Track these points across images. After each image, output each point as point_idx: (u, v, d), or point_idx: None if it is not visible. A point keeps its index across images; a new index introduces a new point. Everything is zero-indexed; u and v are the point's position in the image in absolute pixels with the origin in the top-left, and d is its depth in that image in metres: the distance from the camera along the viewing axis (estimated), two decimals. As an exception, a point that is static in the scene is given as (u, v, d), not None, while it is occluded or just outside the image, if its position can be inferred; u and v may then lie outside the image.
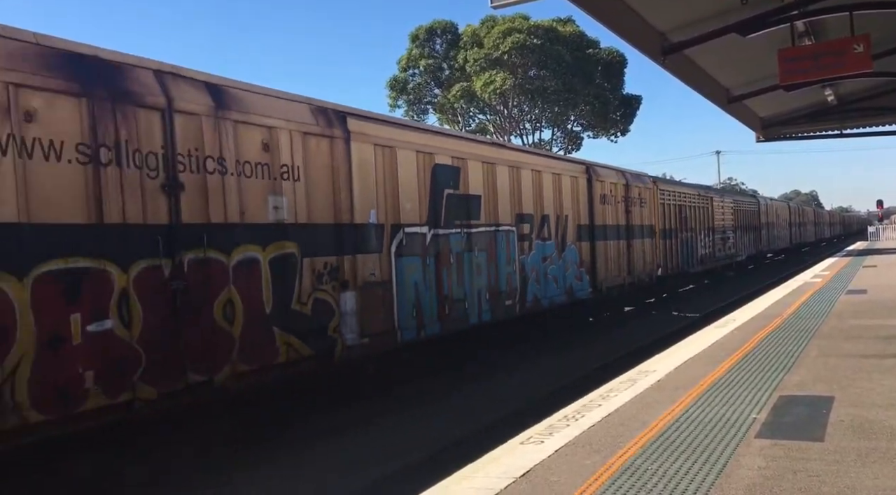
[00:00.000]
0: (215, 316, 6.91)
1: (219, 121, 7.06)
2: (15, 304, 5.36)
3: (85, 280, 5.84)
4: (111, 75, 6.21)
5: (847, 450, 4.80)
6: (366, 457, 7.61)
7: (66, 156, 5.78)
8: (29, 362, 5.40)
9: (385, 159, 9.47)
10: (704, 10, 10.83)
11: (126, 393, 6.06)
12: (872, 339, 9.11)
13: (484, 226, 11.68)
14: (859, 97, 18.00)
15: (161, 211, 6.49)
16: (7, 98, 5.36)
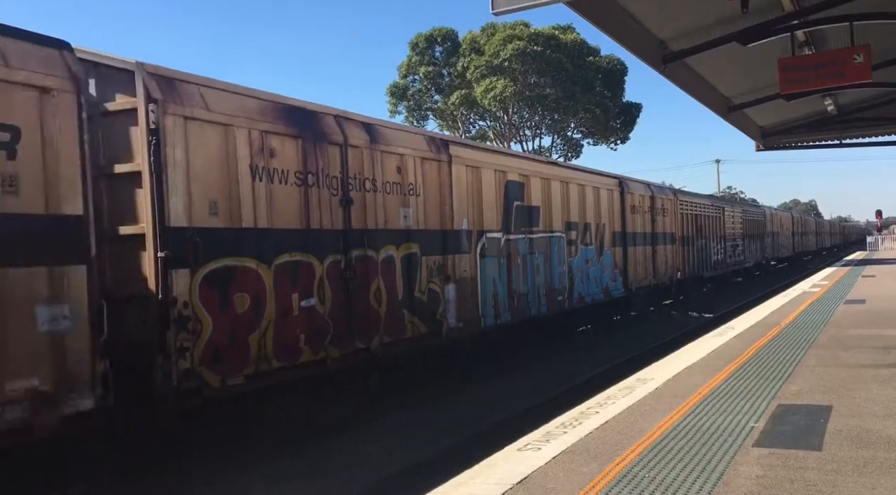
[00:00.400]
0: (370, 299, 9.13)
1: (372, 151, 9.33)
2: (266, 285, 7.60)
3: (300, 269, 8.08)
4: (312, 121, 8.49)
5: (844, 460, 4.79)
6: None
7: (290, 180, 8.05)
8: (272, 325, 7.61)
9: (473, 177, 11.55)
10: (705, 18, 10.84)
11: (322, 353, 8.25)
12: (870, 349, 9.11)
13: (542, 233, 13.65)
14: (859, 107, 18.00)
15: (339, 219, 8.70)
16: (261, 141, 7.67)
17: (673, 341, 14.36)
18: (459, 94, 40.28)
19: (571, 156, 44.05)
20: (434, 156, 10.59)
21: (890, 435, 5.32)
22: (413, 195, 10.07)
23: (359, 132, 9.20)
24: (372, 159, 9.28)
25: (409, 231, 9.96)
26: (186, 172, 6.86)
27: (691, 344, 10.87)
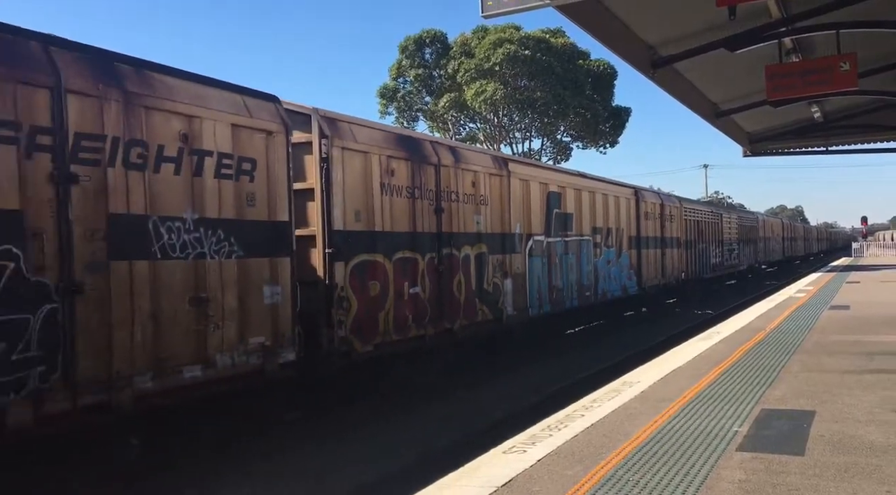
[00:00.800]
0: (454, 289, 11.37)
1: (456, 169, 11.54)
2: (388, 275, 9.87)
3: (409, 263, 10.34)
4: (417, 147, 10.83)
5: (827, 465, 4.83)
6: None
7: (402, 194, 10.25)
8: (392, 306, 9.92)
9: (524, 189, 13.70)
10: (694, 24, 10.91)
11: (422, 330, 10.52)
12: (854, 355, 9.18)
13: (574, 236, 15.85)
14: (845, 114, 18.18)
15: (434, 224, 10.90)
16: (386, 164, 9.93)
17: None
18: (450, 96, 40.30)
19: (561, 159, 44.18)
20: (497, 172, 12.87)
21: (872, 440, 5.37)
22: (483, 204, 12.31)
23: (447, 154, 11.55)
24: (456, 176, 11.52)
25: (480, 234, 12.21)
26: (343, 189, 9.09)
27: (677, 347, 10.92)
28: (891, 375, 7.80)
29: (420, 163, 10.60)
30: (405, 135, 11.37)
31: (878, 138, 19.77)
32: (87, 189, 6.10)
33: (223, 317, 7.24)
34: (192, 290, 6.97)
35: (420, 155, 10.67)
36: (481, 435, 8.24)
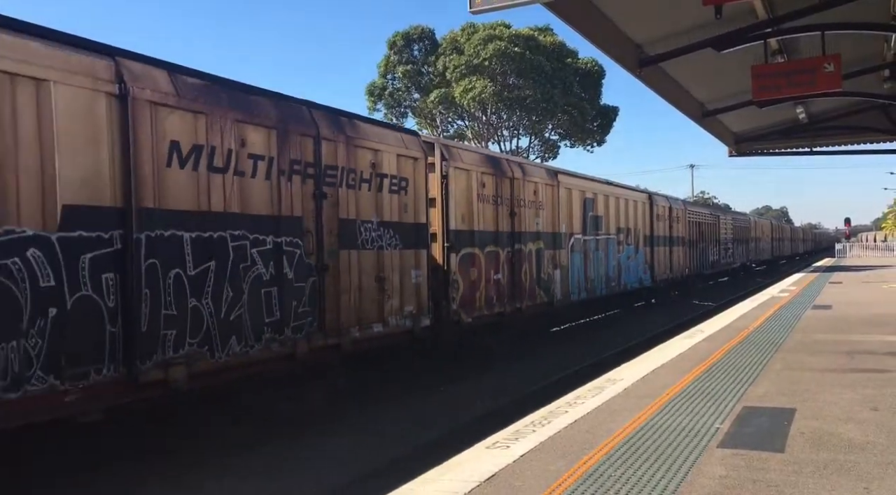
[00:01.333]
0: (522, 277, 14.04)
1: (523, 181, 14.31)
2: (481, 264, 12.59)
3: (493, 255, 13.04)
4: (498, 164, 13.71)
5: (806, 462, 4.88)
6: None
7: (490, 202, 13.03)
8: (483, 288, 12.69)
9: (567, 196, 16.46)
10: (681, 23, 10.96)
11: (502, 308, 13.29)
12: (835, 354, 9.28)
13: (603, 235, 18.58)
14: (829, 116, 18.33)
15: (509, 225, 13.66)
16: (480, 179, 12.66)
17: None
18: (438, 92, 40.26)
19: (548, 157, 44.30)
20: (550, 182, 15.66)
21: (850, 437, 5.43)
22: (541, 209, 15.03)
23: (518, 169, 14.33)
24: (523, 186, 14.28)
25: (539, 233, 14.91)
26: (455, 198, 11.91)
27: (661, 345, 10.99)
28: (870, 374, 7.89)
29: (500, 177, 13.48)
30: (491, 156, 14.84)
31: (862, 140, 19.95)
32: (330, 202, 9.01)
33: (392, 290, 10.16)
34: (376, 271, 9.86)
35: (500, 171, 13.59)
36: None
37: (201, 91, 7.27)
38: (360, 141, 9.54)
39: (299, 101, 8.85)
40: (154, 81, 6.80)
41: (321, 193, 8.80)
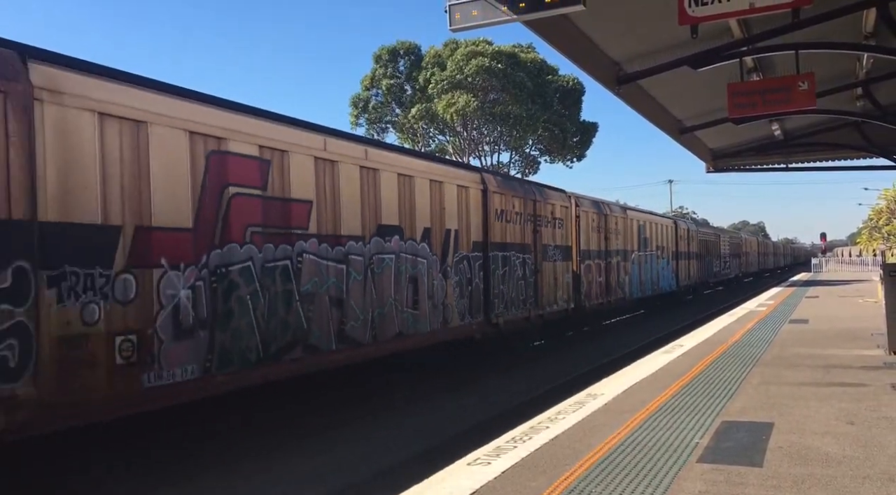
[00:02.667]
0: (611, 280, 21.25)
1: (612, 217, 21.58)
2: (593, 270, 20.13)
3: (597, 265, 20.38)
4: (601, 207, 21.44)
5: (784, 476, 4.91)
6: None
7: (597, 231, 20.81)
8: (595, 286, 20.35)
9: (631, 224, 23.80)
10: (658, 42, 11.12)
11: (601, 299, 20.70)
12: (812, 368, 9.37)
13: (649, 252, 26.11)
14: (805, 133, 18.64)
15: (605, 245, 21.05)
16: (595, 217, 20.69)
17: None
18: (420, 107, 40.40)
19: (529, 172, 44.52)
20: (623, 216, 23.09)
21: (828, 451, 5.48)
22: (618, 234, 22.29)
23: (608, 207, 22.31)
24: (614, 221, 21.43)
25: (618, 250, 22.17)
26: (580, 231, 19.12)
27: (641, 360, 11.03)
28: (846, 388, 7.98)
29: (601, 214, 20.89)
30: (599, 200, 21.92)
31: (836, 156, 20.30)
32: (539, 233, 16.43)
33: (558, 286, 17.37)
34: (554, 274, 17.23)
35: (601, 210, 20.93)
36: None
37: (505, 183, 15.71)
38: (547, 200, 17.34)
39: (531, 183, 18.22)
40: (491, 182, 14.75)
41: (535, 229, 16.39)
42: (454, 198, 12.96)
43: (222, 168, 7.97)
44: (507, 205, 14.94)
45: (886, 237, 53.97)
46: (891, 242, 51.36)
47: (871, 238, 62.42)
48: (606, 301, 20.95)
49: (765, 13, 7.75)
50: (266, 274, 8.38)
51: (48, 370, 5.98)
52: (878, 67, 12.74)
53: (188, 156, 7.62)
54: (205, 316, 7.53)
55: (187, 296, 7.34)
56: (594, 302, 20.00)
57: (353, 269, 9.98)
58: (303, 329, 8.94)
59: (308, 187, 9.14)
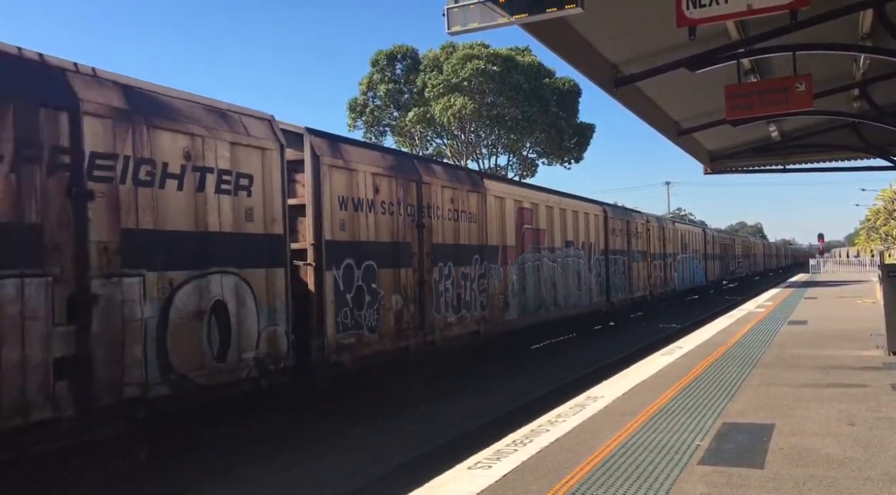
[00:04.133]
0: (667, 274, 28.60)
1: (671, 229, 30.17)
2: (659, 268, 27.54)
3: (661, 264, 27.81)
4: (661, 220, 30.18)
5: (785, 478, 4.90)
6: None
7: (658, 238, 28.21)
8: (657, 280, 27.75)
9: (678, 233, 31.40)
10: (656, 44, 11.12)
11: (663, 289, 27.78)
12: (811, 369, 9.37)
13: (688, 254, 33.11)
14: (801, 134, 18.64)
15: (662, 247, 27.99)
16: (656, 227, 28.25)
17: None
18: (417, 111, 40.41)
19: (526, 175, 44.53)
20: (672, 227, 29.80)
21: (828, 453, 5.47)
22: (669, 240, 28.68)
23: (665, 222, 29.86)
24: (671, 230, 29.57)
25: (670, 253, 28.86)
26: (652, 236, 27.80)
27: (641, 362, 11.02)
28: (846, 389, 7.97)
29: (662, 227, 27.68)
30: (659, 216, 28.41)
31: (833, 157, 20.31)
32: (630, 243, 23.62)
33: (640, 278, 24.38)
34: (637, 271, 24.16)
35: (662, 224, 27.67)
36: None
37: (614, 211, 23.27)
38: (634, 219, 23.78)
39: (627, 209, 25.22)
40: (608, 211, 22.25)
41: (629, 240, 23.03)
42: (591, 222, 20.36)
43: (521, 215, 15.79)
44: (616, 224, 22.51)
45: (884, 237, 53.93)
46: (888, 243, 51.33)
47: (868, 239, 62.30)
48: (665, 290, 28.12)
49: (762, 15, 7.75)
50: (531, 268, 16.10)
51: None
52: (874, 68, 12.76)
53: (514, 209, 15.36)
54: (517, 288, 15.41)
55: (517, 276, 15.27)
56: (658, 291, 26.98)
57: (559, 265, 17.71)
58: (543, 297, 16.75)
59: (544, 221, 17.00)
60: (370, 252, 10.31)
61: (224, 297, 7.67)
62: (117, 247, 6.64)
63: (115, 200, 6.68)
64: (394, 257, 10.89)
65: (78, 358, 6.21)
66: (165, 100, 7.47)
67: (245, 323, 7.93)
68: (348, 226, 9.92)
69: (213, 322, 7.53)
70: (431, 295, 11.83)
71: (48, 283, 6.01)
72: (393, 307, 10.73)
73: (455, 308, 12.68)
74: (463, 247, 13.16)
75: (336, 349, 9.42)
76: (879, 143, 18.15)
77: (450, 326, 12.47)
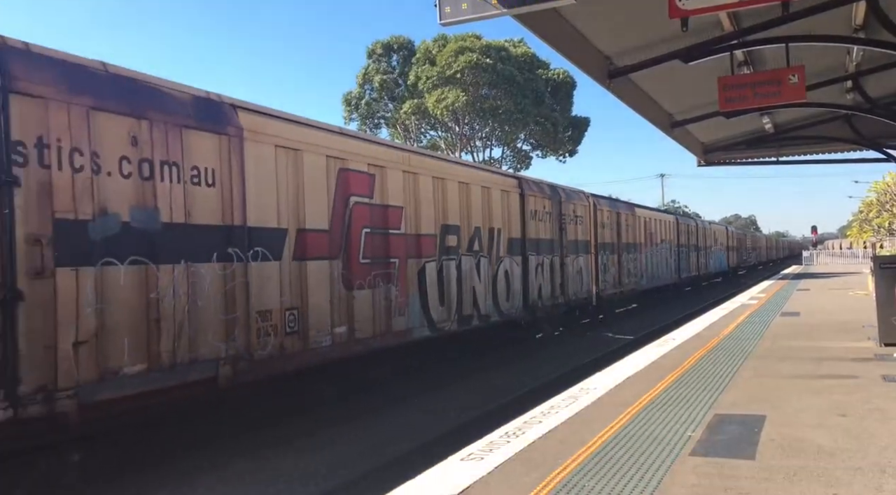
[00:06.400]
0: (699, 261, 37.89)
1: (700, 228, 38.86)
2: (695, 255, 37.23)
3: (692, 253, 36.42)
4: (687, 220, 37.72)
5: (776, 469, 4.92)
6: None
7: (702, 234, 40.64)
8: (694, 264, 37.06)
9: (707, 231, 40.62)
10: (649, 36, 11.09)
11: (696, 272, 37.07)
12: (804, 360, 9.40)
13: (718, 247, 43.96)
14: (794, 126, 18.66)
15: (696, 241, 37.20)
16: (675, 225, 33.70)
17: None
18: (411, 103, 40.31)
19: (520, 167, 44.48)
20: (703, 226, 39.87)
21: (820, 443, 5.49)
22: (705, 237, 39.24)
23: (695, 222, 38.83)
24: (701, 229, 38.51)
25: (704, 246, 38.74)
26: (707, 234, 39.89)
27: (634, 353, 11.04)
28: (838, 380, 8.00)
29: (703, 228, 39.02)
30: (699, 218, 44.72)
31: (826, 149, 20.34)
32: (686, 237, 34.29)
33: (689, 262, 35.40)
34: (689, 258, 35.21)
35: (701, 225, 38.75)
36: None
37: (685, 220, 37.34)
38: (688, 221, 36.88)
39: (685, 215, 42.82)
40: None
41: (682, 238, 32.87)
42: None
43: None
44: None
45: (877, 230, 54.27)
46: (881, 235, 51.67)
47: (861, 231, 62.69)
48: (701, 274, 37.70)
49: (755, 6, 7.74)
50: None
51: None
52: (867, 60, 12.77)
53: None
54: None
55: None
56: (693, 275, 35.77)
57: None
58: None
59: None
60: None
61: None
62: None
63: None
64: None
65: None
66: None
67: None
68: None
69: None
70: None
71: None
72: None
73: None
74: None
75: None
76: (872, 135, 18.19)
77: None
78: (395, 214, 11.19)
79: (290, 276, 8.79)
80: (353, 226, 10.12)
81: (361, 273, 10.19)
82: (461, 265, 13.10)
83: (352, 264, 9.99)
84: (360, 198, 10.35)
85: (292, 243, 8.89)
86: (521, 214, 15.77)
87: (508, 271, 14.99)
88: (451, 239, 12.85)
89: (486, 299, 13.92)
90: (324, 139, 9.80)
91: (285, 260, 8.74)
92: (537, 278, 16.39)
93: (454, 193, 13.01)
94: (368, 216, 10.48)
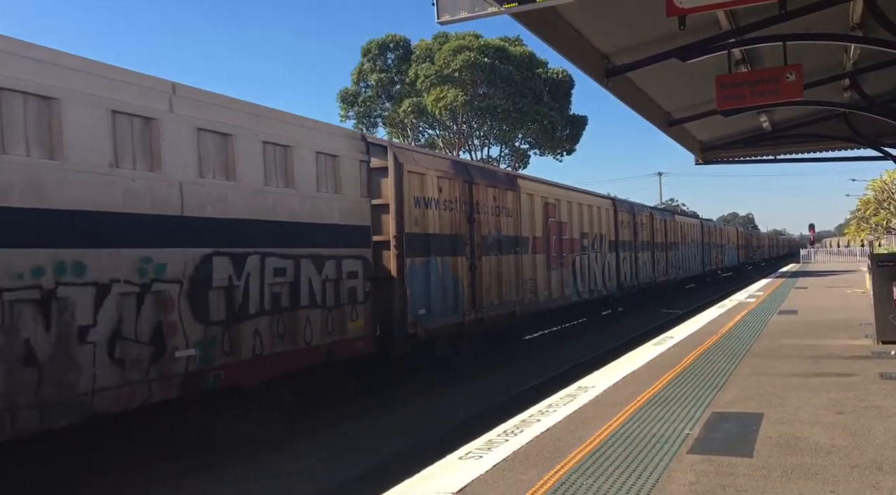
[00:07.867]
0: (714, 256, 42.93)
1: (717, 230, 45.98)
2: (713, 252, 42.51)
3: (712, 250, 42.26)
4: (709, 224, 45.21)
5: (774, 466, 4.93)
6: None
7: (723, 236, 49.52)
8: (713, 258, 43.17)
9: (723, 232, 48.37)
10: (647, 34, 11.08)
11: (712, 267, 41.32)
12: (801, 359, 9.42)
13: (730, 245, 50.03)
14: (792, 124, 18.65)
15: (708, 239, 41.04)
16: (716, 231, 46.26)
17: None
18: (410, 101, 40.27)
19: (519, 166, 44.48)
20: (723, 228, 49.09)
21: (817, 441, 5.50)
22: (721, 236, 45.79)
23: (713, 225, 45.75)
24: (718, 230, 45.95)
25: (719, 244, 44.75)
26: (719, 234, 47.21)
27: (632, 352, 11.06)
28: (835, 378, 8.02)
29: (718, 228, 45.47)
30: (711, 221, 47.39)
31: (824, 147, 20.33)
32: (709, 237, 41.40)
33: (712, 256, 41.68)
34: (709, 255, 40.75)
35: (717, 226, 46.75)
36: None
37: (718, 224, 51.77)
38: (711, 225, 43.05)
39: (704, 219, 44.19)
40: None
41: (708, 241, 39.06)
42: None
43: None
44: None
45: (874, 228, 54.28)
46: (878, 233, 51.70)
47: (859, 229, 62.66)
48: (718, 268, 42.99)
49: (752, 4, 7.74)
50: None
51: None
52: (864, 58, 12.76)
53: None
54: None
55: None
56: (713, 268, 40.64)
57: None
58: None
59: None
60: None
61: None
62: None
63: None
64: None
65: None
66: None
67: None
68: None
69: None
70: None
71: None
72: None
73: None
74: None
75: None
76: (869, 133, 18.19)
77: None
78: (564, 227, 18.56)
79: (532, 262, 16.23)
80: (550, 234, 17.44)
81: (554, 262, 17.55)
82: (589, 258, 20.42)
83: (550, 256, 17.36)
84: (552, 218, 17.68)
85: (532, 245, 16.25)
86: (614, 224, 23.08)
87: (609, 263, 22.24)
88: (585, 241, 20.27)
89: (598, 280, 21.26)
90: (542, 188, 17.66)
91: (529, 253, 16.08)
92: (622, 268, 23.60)
93: (586, 212, 20.37)
94: (556, 229, 17.82)
